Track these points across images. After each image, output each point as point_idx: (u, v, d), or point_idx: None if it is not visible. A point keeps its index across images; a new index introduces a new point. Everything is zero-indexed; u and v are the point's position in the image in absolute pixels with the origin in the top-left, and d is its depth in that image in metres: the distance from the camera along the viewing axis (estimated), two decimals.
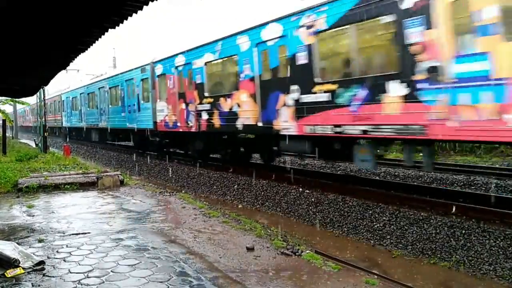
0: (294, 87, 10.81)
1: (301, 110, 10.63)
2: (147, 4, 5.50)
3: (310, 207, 10.64)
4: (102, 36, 7.19)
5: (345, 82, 9.48)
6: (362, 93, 9.00)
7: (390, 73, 8.47)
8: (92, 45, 7.94)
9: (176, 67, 16.97)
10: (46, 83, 18.82)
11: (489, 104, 6.83)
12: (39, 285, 4.82)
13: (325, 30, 9.85)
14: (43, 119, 24.81)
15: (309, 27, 10.20)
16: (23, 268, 5.22)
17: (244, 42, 12.69)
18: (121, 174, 13.15)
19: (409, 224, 8.49)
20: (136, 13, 5.83)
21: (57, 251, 6.08)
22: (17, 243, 6.08)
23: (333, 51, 10.51)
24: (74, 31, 6.86)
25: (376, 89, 8.69)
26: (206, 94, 14.97)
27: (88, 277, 5.05)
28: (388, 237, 8.51)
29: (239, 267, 5.56)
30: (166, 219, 8.26)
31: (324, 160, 15.45)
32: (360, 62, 9.44)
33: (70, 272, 5.23)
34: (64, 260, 5.68)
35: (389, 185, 11.50)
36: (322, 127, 10.04)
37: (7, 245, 5.68)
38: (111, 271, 5.26)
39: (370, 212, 9.38)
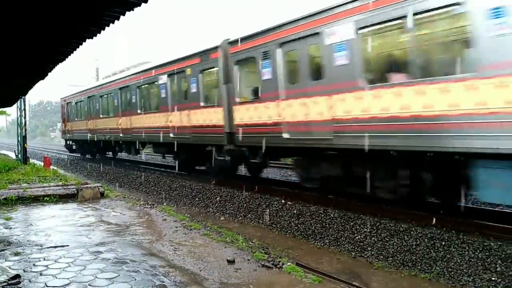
0: None
1: None
2: (124, 15, 5.54)
3: (292, 219, 10.63)
4: (80, 46, 7.19)
5: None
6: None
7: None
8: (70, 55, 7.93)
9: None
10: (25, 93, 18.63)
11: None
12: None
13: None
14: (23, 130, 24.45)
15: None
16: None
17: None
18: (101, 186, 13.00)
19: (390, 236, 8.54)
20: (113, 23, 5.87)
21: (33, 265, 5.96)
22: None
23: None
24: (51, 41, 6.82)
25: None
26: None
27: None
28: (369, 248, 8.55)
29: (219, 280, 5.52)
30: (146, 231, 8.17)
31: None
32: None
33: (47, 286, 5.13)
34: (41, 274, 5.57)
35: (370, 196, 11.55)
36: None
37: None
38: (89, 284, 5.17)
39: (351, 223, 9.41)
